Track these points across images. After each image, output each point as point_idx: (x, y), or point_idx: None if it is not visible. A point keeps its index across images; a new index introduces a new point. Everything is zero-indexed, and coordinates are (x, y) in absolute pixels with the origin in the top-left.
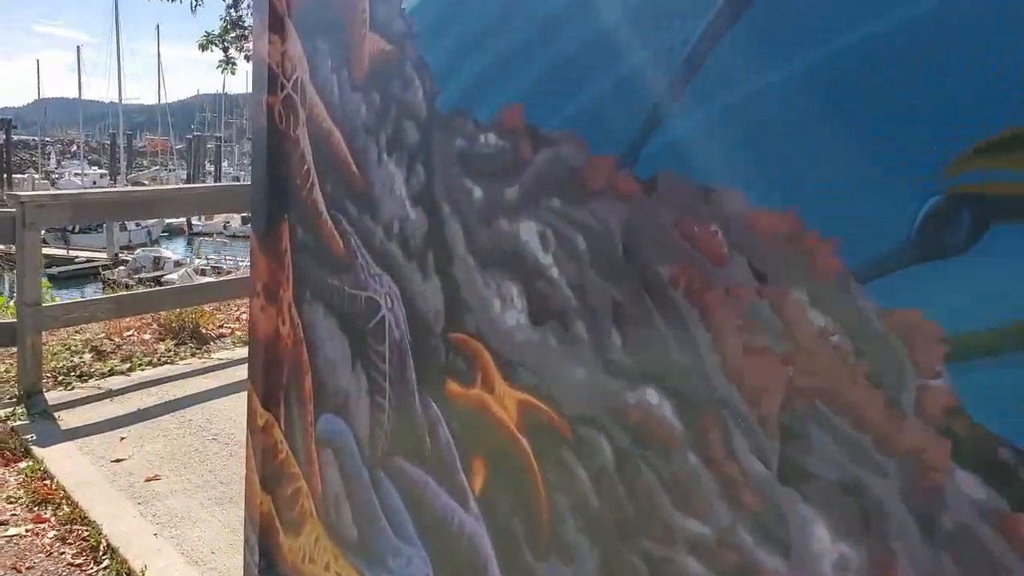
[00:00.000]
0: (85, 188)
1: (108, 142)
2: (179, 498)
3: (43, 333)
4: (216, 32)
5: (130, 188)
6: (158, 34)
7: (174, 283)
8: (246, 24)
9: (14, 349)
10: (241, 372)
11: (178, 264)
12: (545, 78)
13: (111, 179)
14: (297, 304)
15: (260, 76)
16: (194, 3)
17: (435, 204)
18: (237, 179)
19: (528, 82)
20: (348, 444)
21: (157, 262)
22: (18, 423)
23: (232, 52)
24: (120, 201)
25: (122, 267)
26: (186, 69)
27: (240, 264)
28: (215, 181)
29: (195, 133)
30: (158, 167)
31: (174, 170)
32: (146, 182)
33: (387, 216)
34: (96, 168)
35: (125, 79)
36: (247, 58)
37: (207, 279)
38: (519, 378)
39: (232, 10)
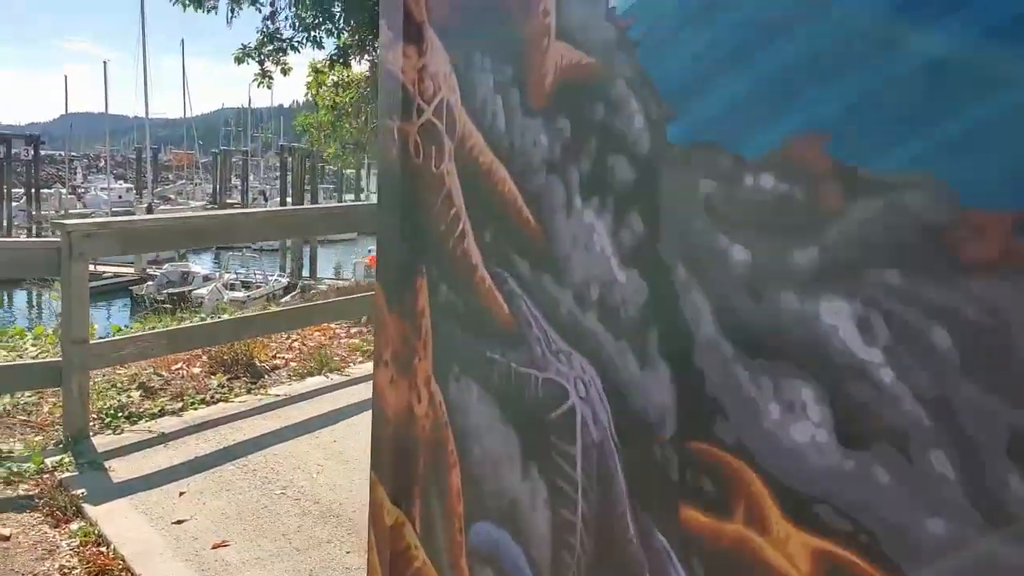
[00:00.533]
0: (112, 202)
1: (134, 156)
2: (253, 570)
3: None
4: (252, 45)
5: (181, 215)
6: (182, 49)
7: (203, 298)
8: (283, 37)
9: (57, 388)
10: (301, 411)
11: (207, 279)
12: (870, 98)
13: (137, 193)
14: (440, 379)
15: (390, 98)
16: (229, 14)
17: (662, 266)
18: (263, 192)
19: (836, 104)
20: (518, 566)
21: (185, 277)
22: (66, 475)
23: (268, 65)
24: (171, 229)
25: (150, 283)
26: (211, 83)
27: (269, 279)
28: (242, 195)
29: (221, 147)
30: (184, 181)
31: (199, 184)
32: (172, 196)
33: (580, 277)
34: (122, 182)
35: (150, 93)
36: (283, 71)
37: (237, 294)
38: (816, 519)
39: (268, 22)
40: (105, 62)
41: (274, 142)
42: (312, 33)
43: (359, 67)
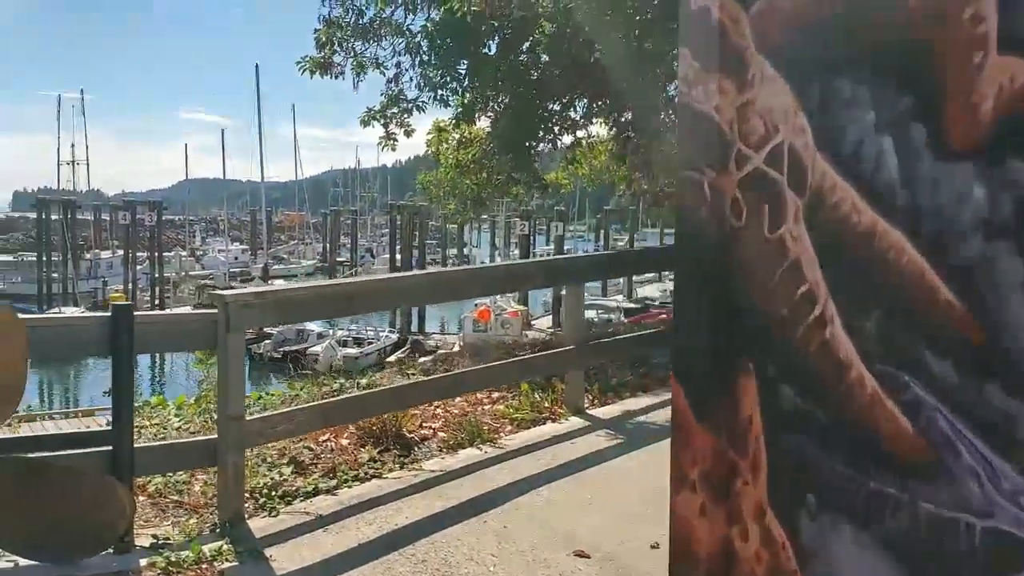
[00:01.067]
0: (229, 263)
1: (247, 219)
2: None
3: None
4: (377, 108)
5: (341, 280)
6: (293, 113)
7: (318, 356)
8: (408, 98)
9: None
10: (461, 490)
11: (320, 336)
12: None
13: (251, 254)
14: (781, 513)
15: (699, 144)
16: (355, 79)
17: None
18: (370, 250)
19: None
20: None
21: (300, 335)
22: (226, 565)
23: (392, 128)
24: (328, 295)
25: (267, 341)
26: (316, 148)
27: (381, 335)
28: (351, 253)
29: (331, 208)
30: (296, 241)
31: (310, 243)
32: (284, 256)
33: None
34: (237, 244)
35: (251, 158)
36: (407, 133)
37: (350, 350)
38: None
39: (392, 84)
40: (223, 130)
41: (379, 201)
42: (439, 92)
43: (480, 124)
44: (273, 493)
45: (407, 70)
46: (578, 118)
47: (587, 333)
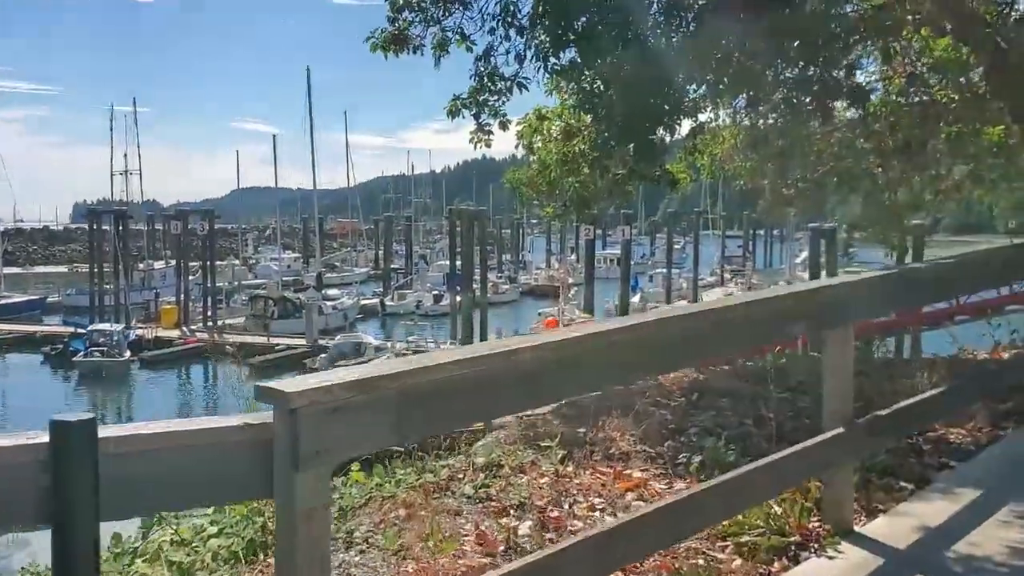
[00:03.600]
0: (282, 271)
1: (300, 227)
2: None
3: None
4: (466, 94)
5: (518, 343)
6: (345, 120)
7: None
8: (506, 76)
9: None
10: None
11: (379, 349)
12: None
13: (304, 262)
14: None
15: None
16: (437, 57)
17: None
18: (424, 257)
19: None
20: None
21: (358, 348)
22: None
23: (485, 118)
24: (493, 372)
25: (323, 355)
26: (368, 155)
27: (441, 346)
28: (406, 260)
29: (384, 214)
30: (348, 248)
31: (363, 251)
32: (337, 264)
33: None
34: (289, 252)
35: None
36: (503, 125)
37: None
38: None
39: (482, 62)
40: (275, 136)
41: (431, 207)
42: (549, 61)
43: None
44: None
45: (502, 41)
46: (700, 99)
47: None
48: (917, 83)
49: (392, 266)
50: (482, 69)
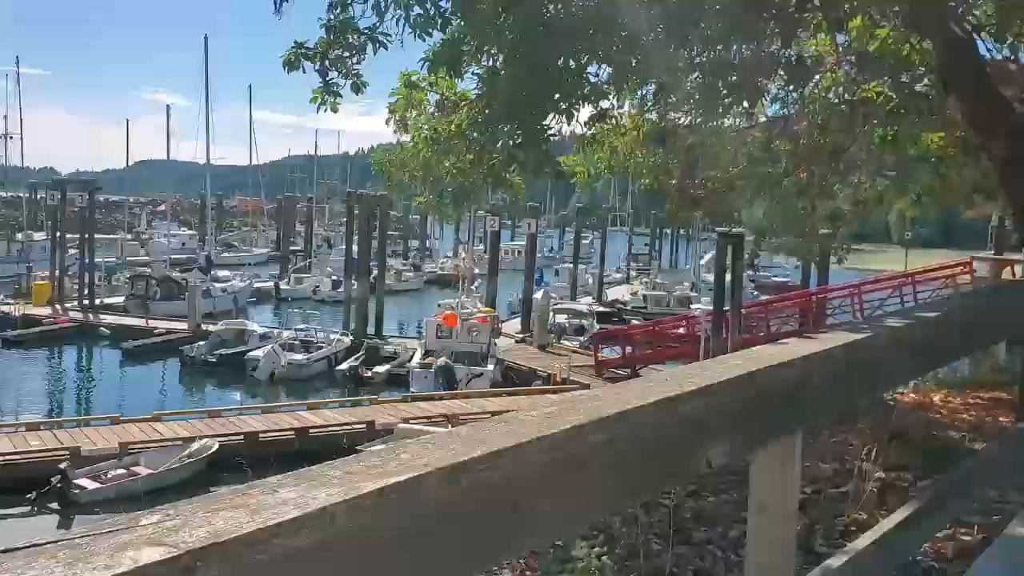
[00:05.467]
0: (173, 250)
1: (199, 203)
2: None
3: None
4: (309, 44)
5: None
6: (250, 94)
7: (258, 361)
8: (361, 30)
9: None
10: None
11: (264, 338)
12: None
13: (200, 240)
14: None
15: None
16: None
17: None
18: (328, 240)
19: None
20: None
21: (242, 336)
22: None
23: (334, 76)
24: None
25: (202, 342)
26: (279, 132)
27: (332, 338)
28: (305, 243)
29: (286, 194)
30: (248, 228)
31: (263, 231)
32: (235, 244)
33: None
34: (185, 229)
35: (218, 141)
36: (355, 88)
37: (297, 356)
38: None
39: (334, 11)
40: (168, 106)
41: (340, 189)
42: (414, 12)
43: (463, 84)
44: None
45: None
46: (602, 83)
47: None
48: (863, 73)
49: (293, 248)
50: (333, 19)
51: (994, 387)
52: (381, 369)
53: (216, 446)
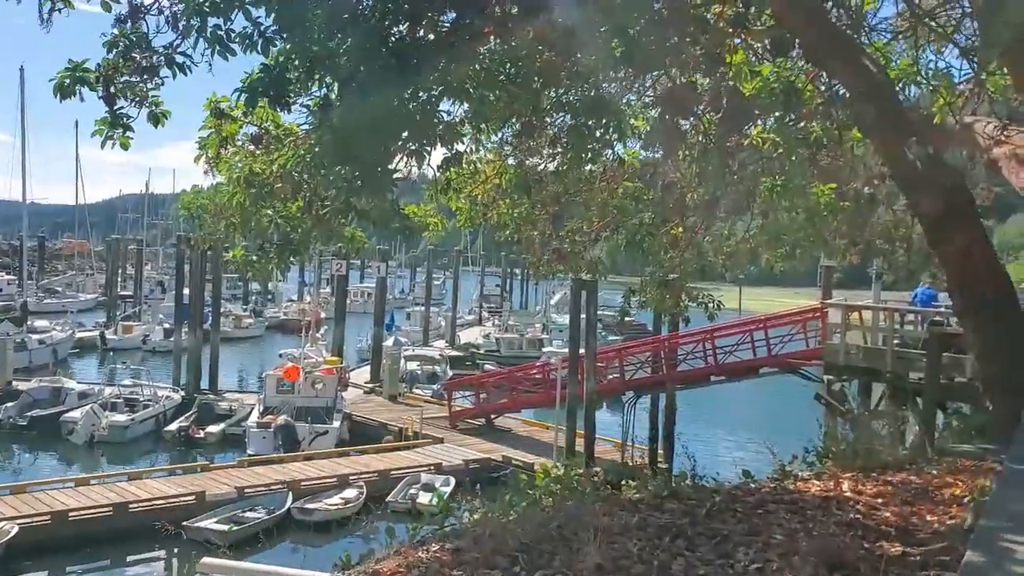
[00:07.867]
0: None
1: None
2: None
3: None
4: (95, 65)
5: None
6: (76, 129)
7: (76, 423)
8: (155, 49)
9: None
10: None
11: (83, 396)
12: None
13: (18, 286)
14: None
15: None
16: (45, 13)
17: None
18: (161, 283)
19: None
20: None
21: (56, 394)
22: None
23: (124, 104)
24: None
25: (10, 404)
26: (109, 170)
27: (160, 395)
28: (135, 287)
29: (114, 236)
30: (74, 271)
31: (92, 275)
32: (59, 288)
33: None
34: (3, 273)
35: (47, 179)
36: (153, 118)
37: (119, 417)
38: None
39: (125, 24)
40: None
41: (174, 229)
42: (209, 23)
43: (289, 117)
44: None
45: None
46: (460, 121)
47: None
48: (737, 116)
49: (123, 293)
50: (124, 36)
51: (899, 468)
52: (215, 429)
53: (15, 530)
